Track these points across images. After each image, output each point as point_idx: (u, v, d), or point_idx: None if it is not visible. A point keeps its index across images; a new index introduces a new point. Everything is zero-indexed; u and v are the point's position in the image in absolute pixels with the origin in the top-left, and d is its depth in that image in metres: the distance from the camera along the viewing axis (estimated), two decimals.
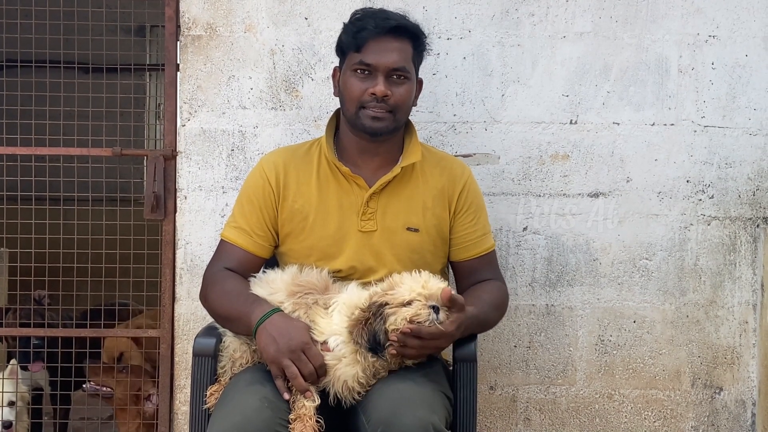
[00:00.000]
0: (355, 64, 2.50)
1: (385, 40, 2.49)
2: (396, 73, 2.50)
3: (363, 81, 2.49)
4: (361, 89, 2.49)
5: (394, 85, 2.50)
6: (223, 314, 2.50)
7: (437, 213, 2.61)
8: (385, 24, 2.49)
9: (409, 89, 2.53)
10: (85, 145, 3.29)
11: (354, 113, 2.52)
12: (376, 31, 2.48)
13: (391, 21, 2.51)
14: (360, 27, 2.50)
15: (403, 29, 2.53)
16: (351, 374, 2.31)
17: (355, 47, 2.50)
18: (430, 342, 2.29)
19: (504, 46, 3.12)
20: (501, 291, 2.65)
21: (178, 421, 3.14)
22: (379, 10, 2.60)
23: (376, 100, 2.48)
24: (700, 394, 3.17)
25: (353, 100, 2.51)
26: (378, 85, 2.47)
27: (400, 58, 2.50)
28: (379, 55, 2.48)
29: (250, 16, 3.10)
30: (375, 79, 2.48)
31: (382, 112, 2.49)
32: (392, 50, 2.49)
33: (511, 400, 3.18)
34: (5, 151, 3.26)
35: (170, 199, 3.11)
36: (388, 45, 2.49)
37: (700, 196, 3.15)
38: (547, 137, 3.14)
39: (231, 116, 3.12)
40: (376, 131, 2.52)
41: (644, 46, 3.13)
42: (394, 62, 2.49)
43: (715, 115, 3.14)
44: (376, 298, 2.30)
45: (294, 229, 2.58)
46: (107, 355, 3.76)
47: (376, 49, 2.48)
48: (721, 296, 3.16)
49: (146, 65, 5.69)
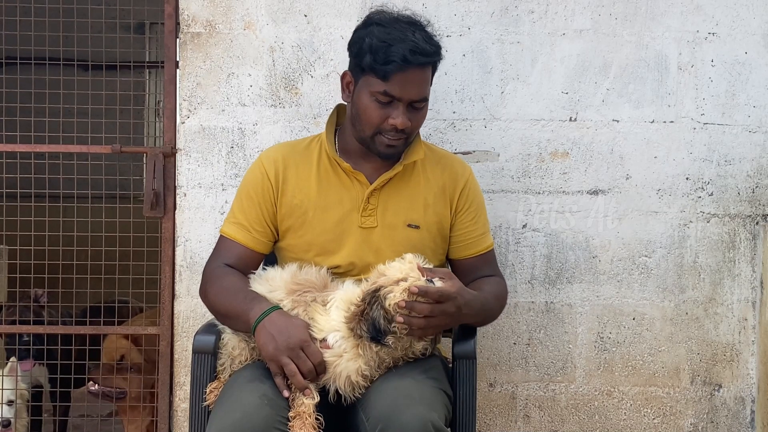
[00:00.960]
0: (378, 92, 2.43)
1: (412, 72, 2.42)
2: (417, 103, 2.47)
3: (383, 108, 2.45)
4: (381, 117, 2.45)
5: (414, 112, 2.47)
6: (222, 311, 2.50)
7: (438, 210, 2.61)
8: (415, 60, 2.41)
9: (425, 112, 2.52)
10: (85, 143, 3.29)
11: (369, 137, 2.49)
12: (405, 66, 2.41)
13: (419, 56, 2.41)
14: (388, 58, 2.39)
15: (429, 59, 2.46)
16: (353, 368, 2.30)
17: (381, 76, 2.42)
18: (436, 307, 2.27)
19: (503, 44, 3.12)
20: (500, 285, 2.66)
21: (178, 419, 3.14)
22: (405, 33, 2.44)
23: (395, 130, 2.46)
24: (700, 391, 3.18)
25: (371, 126, 2.47)
26: (399, 117, 2.43)
27: (424, 89, 2.47)
28: (404, 88, 2.42)
29: (249, 14, 3.10)
30: (396, 108, 2.44)
31: (398, 141, 2.48)
32: (418, 83, 2.44)
33: (510, 398, 3.18)
34: (5, 148, 3.26)
35: (170, 197, 3.11)
36: (414, 77, 2.43)
37: (699, 193, 3.15)
38: (546, 134, 3.14)
39: (230, 113, 3.12)
40: (390, 157, 2.52)
41: (644, 43, 3.13)
42: (418, 94, 2.45)
43: (715, 113, 3.14)
44: (368, 287, 2.30)
45: (293, 224, 2.58)
46: (107, 358, 3.73)
47: (402, 81, 2.42)
48: (720, 293, 3.16)
49: (146, 62, 5.70)
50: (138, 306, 3.99)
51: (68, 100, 3.42)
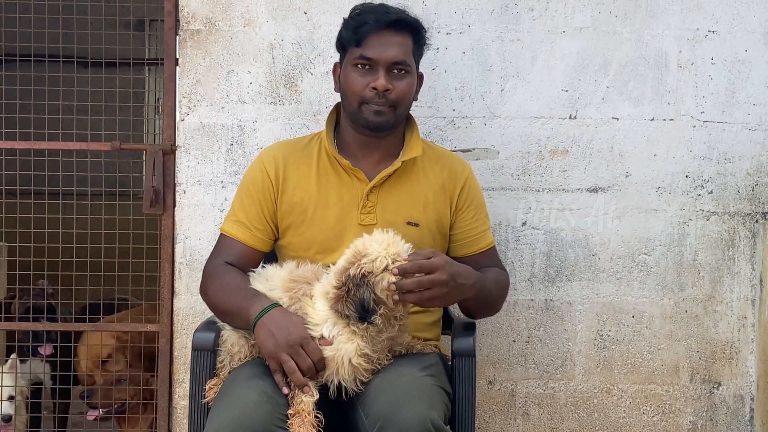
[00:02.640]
0: (355, 58, 2.50)
1: (386, 34, 2.49)
2: (397, 66, 2.50)
3: (364, 75, 2.50)
4: (363, 84, 2.49)
5: (395, 78, 2.50)
6: (222, 308, 2.50)
7: (438, 208, 2.61)
8: (386, 18, 2.50)
9: (410, 83, 2.54)
10: (84, 140, 3.29)
11: (356, 108, 2.52)
12: (377, 25, 2.48)
13: (392, 15, 2.51)
14: (360, 21, 2.50)
15: (404, 23, 2.53)
16: (351, 349, 2.28)
17: (355, 42, 2.50)
18: (425, 279, 2.25)
19: (503, 41, 3.12)
20: (501, 273, 2.66)
21: (177, 416, 3.15)
22: (379, 5, 2.59)
23: (378, 95, 2.48)
24: (699, 389, 3.18)
25: (355, 95, 2.51)
26: (379, 79, 2.47)
27: (401, 52, 2.51)
28: (379, 49, 2.48)
29: (249, 11, 3.10)
30: (376, 73, 2.48)
31: (384, 107, 2.50)
32: (393, 44, 2.50)
33: (509, 395, 3.18)
34: (4, 145, 3.26)
35: (169, 194, 3.11)
36: (388, 39, 2.50)
37: (699, 191, 3.15)
38: (546, 132, 3.14)
39: (230, 111, 3.12)
40: (378, 126, 2.52)
41: (644, 41, 3.13)
42: (395, 56, 2.49)
43: (715, 111, 3.14)
44: (353, 270, 2.26)
45: (293, 222, 2.58)
46: (91, 358, 3.72)
47: (377, 44, 2.49)
48: (719, 291, 3.16)
49: (145, 60, 5.69)
50: (137, 303, 3.99)
51: (68, 97, 3.42)
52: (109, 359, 3.68)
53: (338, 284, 2.28)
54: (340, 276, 2.29)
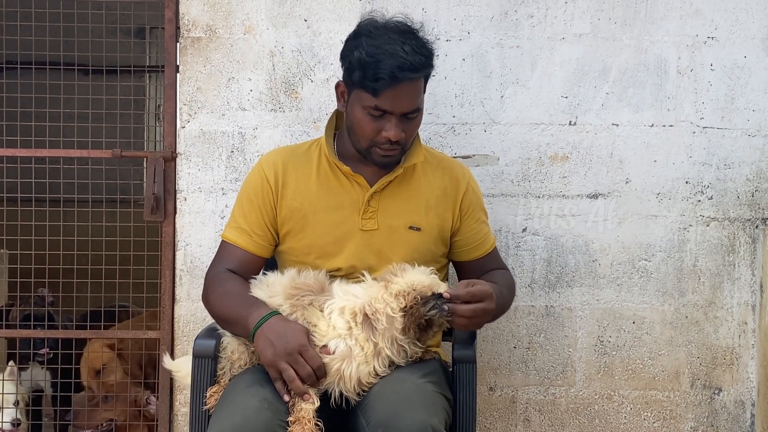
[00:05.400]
0: (369, 107, 2.43)
1: (402, 87, 2.41)
2: (410, 114, 2.47)
3: (376, 121, 2.44)
4: (374, 130, 2.45)
5: (407, 122, 2.46)
6: (222, 316, 2.50)
7: (440, 213, 2.61)
8: (403, 76, 2.38)
9: (419, 119, 2.51)
10: (85, 147, 3.29)
11: (365, 148, 2.50)
12: (394, 82, 2.39)
13: (407, 72, 2.39)
14: (376, 75, 2.37)
15: (420, 69, 2.43)
16: (365, 372, 2.31)
17: (371, 91, 2.41)
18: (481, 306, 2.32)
19: (503, 48, 3.13)
20: (507, 276, 2.69)
21: (178, 422, 3.15)
22: (394, 47, 2.40)
23: (390, 142, 2.46)
24: (700, 394, 3.18)
25: (365, 138, 2.47)
26: (392, 130, 2.43)
27: (416, 100, 2.46)
28: (395, 103, 2.41)
29: (249, 18, 3.11)
30: (388, 121, 2.43)
31: (395, 151, 2.49)
32: (409, 96, 2.43)
33: (510, 401, 3.18)
34: (5, 153, 3.26)
35: (170, 201, 3.12)
36: (404, 91, 2.41)
37: (699, 197, 3.15)
38: (546, 138, 3.14)
39: (231, 118, 3.12)
40: (387, 166, 2.53)
41: (643, 47, 3.13)
42: (409, 107, 2.44)
43: (714, 117, 3.15)
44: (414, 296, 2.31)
45: (293, 227, 2.58)
46: (88, 368, 3.71)
47: (392, 97, 2.40)
48: (720, 297, 3.17)
49: (146, 67, 5.69)
50: (138, 310, 3.99)
51: (69, 105, 3.42)
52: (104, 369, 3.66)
53: (404, 307, 2.31)
54: (404, 300, 2.32)
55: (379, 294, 2.35)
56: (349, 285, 2.45)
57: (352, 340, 2.32)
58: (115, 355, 3.63)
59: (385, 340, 2.32)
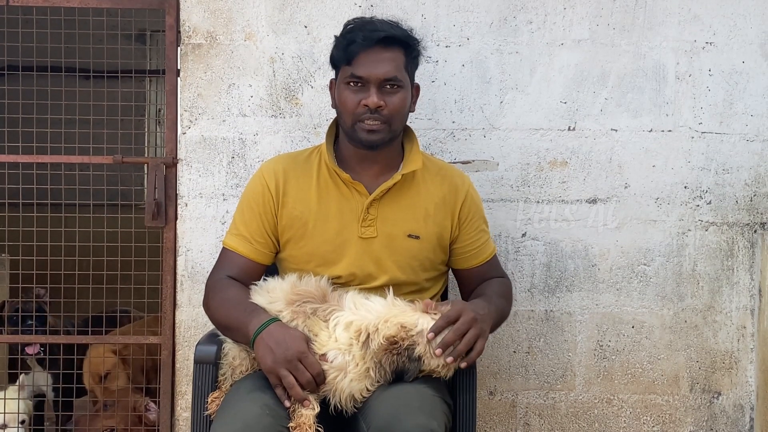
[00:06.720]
0: (347, 77, 2.51)
1: (375, 51, 2.49)
2: (389, 83, 2.50)
3: (356, 93, 2.50)
4: (355, 101, 2.50)
5: (387, 94, 2.50)
6: (223, 323, 2.51)
7: (439, 221, 2.62)
8: (374, 35, 2.49)
9: (403, 97, 2.53)
10: (87, 153, 3.30)
11: (350, 126, 2.53)
12: (365, 44, 2.48)
13: (380, 32, 2.50)
14: (349, 40, 2.50)
15: (393, 39, 2.52)
16: (358, 389, 2.33)
17: (346, 60, 2.50)
18: (458, 327, 2.33)
19: (502, 54, 3.14)
20: (503, 284, 2.70)
21: (180, 428, 3.16)
22: (369, 21, 2.58)
23: (370, 111, 2.49)
24: (699, 398, 3.19)
25: (348, 113, 2.52)
26: (370, 96, 2.48)
27: (392, 68, 2.50)
28: (369, 66, 2.48)
29: (250, 25, 3.12)
30: (367, 90, 2.49)
31: (377, 123, 2.50)
32: (383, 61, 2.49)
33: (510, 406, 3.19)
34: (7, 159, 3.26)
35: (171, 207, 3.13)
36: (378, 56, 2.49)
37: (697, 201, 3.16)
38: (545, 144, 3.15)
39: (231, 124, 3.13)
40: (373, 144, 2.53)
41: (641, 53, 3.14)
42: (385, 73, 2.49)
43: (713, 122, 3.16)
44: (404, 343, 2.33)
45: (294, 235, 2.59)
46: (92, 374, 3.71)
47: (366, 61, 2.48)
48: (719, 301, 3.18)
49: (147, 71, 5.70)
50: (139, 315, 3.99)
51: (70, 110, 3.43)
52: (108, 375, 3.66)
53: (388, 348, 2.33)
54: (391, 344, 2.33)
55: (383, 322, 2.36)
56: (365, 299, 2.44)
57: (350, 355, 2.33)
58: (118, 360, 3.64)
59: (372, 363, 2.34)
